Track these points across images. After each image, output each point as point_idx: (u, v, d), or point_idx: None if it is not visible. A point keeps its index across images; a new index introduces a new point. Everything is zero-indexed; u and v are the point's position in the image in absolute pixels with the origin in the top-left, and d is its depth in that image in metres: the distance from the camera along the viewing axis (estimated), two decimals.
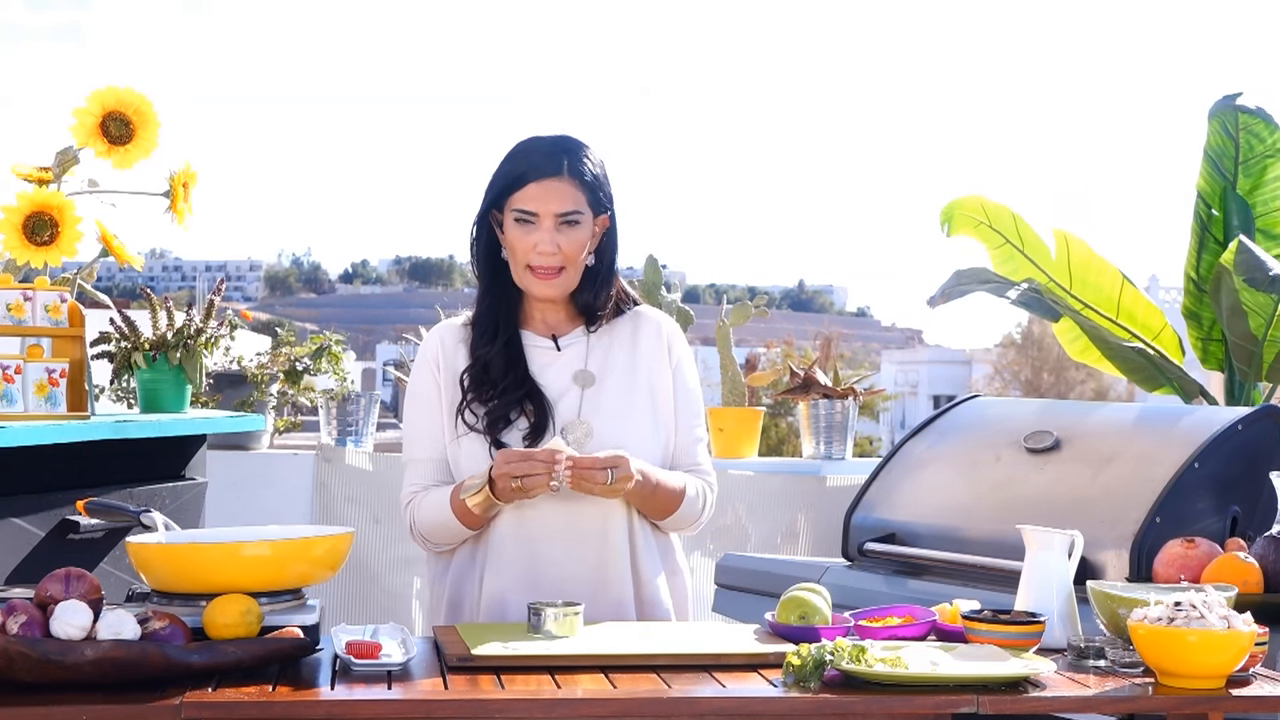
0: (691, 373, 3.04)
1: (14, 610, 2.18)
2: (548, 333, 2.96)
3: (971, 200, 5.43)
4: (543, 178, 2.84)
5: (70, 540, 3.25)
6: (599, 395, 2.91)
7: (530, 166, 2.85)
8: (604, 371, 2.93)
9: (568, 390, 2.90)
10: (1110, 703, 2.30)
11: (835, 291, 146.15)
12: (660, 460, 2.93)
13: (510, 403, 2.87)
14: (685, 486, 2.93)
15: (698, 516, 2.98)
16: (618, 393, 2.92)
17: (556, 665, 2.36)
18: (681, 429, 2.99)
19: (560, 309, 2.96)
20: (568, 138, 2.91)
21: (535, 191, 2.84)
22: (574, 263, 2.87)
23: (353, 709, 2.16)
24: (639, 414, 2.92)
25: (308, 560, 2.43)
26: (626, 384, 2.93)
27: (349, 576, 4.74)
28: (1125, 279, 5.40)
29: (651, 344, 2.99)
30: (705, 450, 3.05)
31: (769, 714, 2.25)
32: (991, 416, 3.91)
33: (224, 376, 4.95)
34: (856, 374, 5.27)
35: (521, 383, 2.88)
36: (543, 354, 2.94)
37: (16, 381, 3.22)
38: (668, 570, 2.97)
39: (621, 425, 2.88)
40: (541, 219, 2.83)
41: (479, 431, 2.86)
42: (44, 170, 3.73)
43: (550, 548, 2.83)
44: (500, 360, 2.90)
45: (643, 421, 2.92)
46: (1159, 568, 2.95)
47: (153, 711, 2.08)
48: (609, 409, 2.90)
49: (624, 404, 2.91)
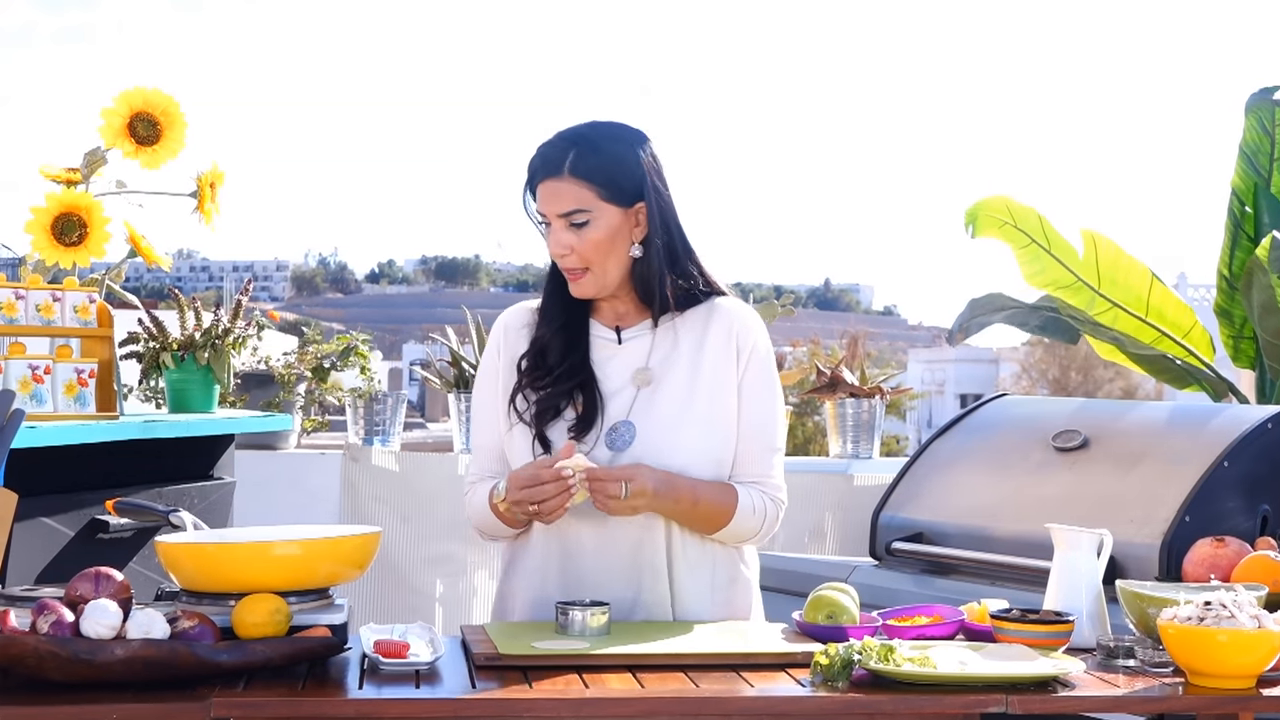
0: (766, 375, 2.83)
1: (44, 609, 2.19)
2: (614, 323, 2.84)
3: (996, 201, 5.40)
4: (546, 179, 2.73)
5: (100, 540, 3.26)
6: (654, 396, 2.77)
7: (536, 168, 2.76)
8: (664, 370, 2.79)
9: (623, 388, 2.79)
10: (1140, 703, 2.29)
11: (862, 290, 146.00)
12: (712, 471, 2.77)
13: (561, 392, 2.77)
14: (737, 499, 2.76)
15: (756, 530, 2.80)
16: (674, 395, 2.77)
17: (584, 665, 2.36)
18: (746, 436, 2.80)
19: (627, 300, 2.82)
20: (580, 129, 2.78)
21: (541, 193, 2.75)
22: (599, 261, 2.73)
23: (381, 708, 2.16)
24: (693, 419, 2.76)
25: (336, 559, 2.43)
26: (685, 386, 2.78)
27: (377, 576, 4.75)
28: (1154, 277, 5.37)
29: (720, 341, 2.81)
30: (779, 462, 2.85)
31: (797, 714, 2.25)
32: (1019, 415, 3.90)
33: (251, 376, 4.97)
34: (883, 373, 5.26)
35: (576, 371, 2.78)
36: (605, 346, 2.82)
37: (46, 382, 3.24)
38: (728, 578, 2.83)
39: (669, 432, 2.75)
40: (552, 221, 2.75)
41: (526, 423, 2.78)
42: (72, 171, 3.74)
43: (583, 559, 2.76)
44: (558, 345, 2.80)
45: (695, 428, 2.76)
46: (1188, 567, 2.93)
47: (182, 710, 2.08)
48: (661, 412, 2.76)
49: (678, 407, 2.76)
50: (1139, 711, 2.38)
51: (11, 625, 2.18)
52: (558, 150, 2.74)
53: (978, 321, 5.26)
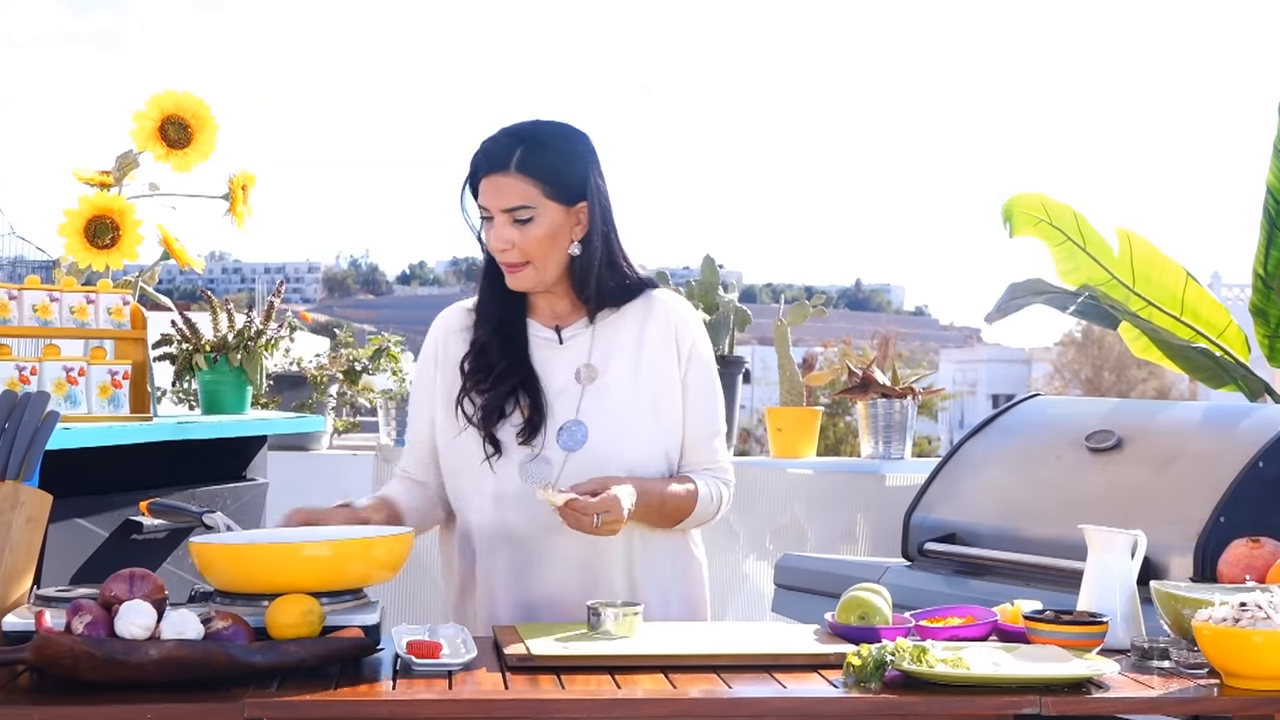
0: (707, 366, 2.91)
1: (79, 610, 2.20)
2: (552, 323, 2.87)
3: (1032, 198, 5.38)
4: (491, 173, 2.74)
5: (133, 541, 3.28)
6: (600, 393, 2.81)
7: (481, 161, 2.77)
8: (606, 366, 2.84)
9: (568, 387, 2.82)
10: (1175, 704, 2.28)
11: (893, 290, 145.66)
12: (662, 463, 2.84)
13: (505, 393, 2.79)
14: (696, 490, 2.85)
15: (713, 515, 2.90)
16: (619, 390, 2.82)
17: (616, 665, 2.35)
18: (693, 424, 2.88)
19: (564, 298, 2.86)
20: (526, 126, 2.79)
21: (484, 187, 2.76)
22: (540, 257, 2.76)
23: (414, 708, 2.16)
24: (640, 414, 2.82)
25: (368, 560, 2.44)
26: (629, 380, 2.83)
27: (409, 577, 4.76)
28: (1189, 276, 5.34)
29: (658, 334, 2.86)
30: (723, 444, 2.95)
31: (829, 714, 2.24)
32: (1052, 415, 3.88)
33: (284, 378, 4.98)
34: (915, 373, 5.24)
35: (516, 370, 2.81)
36: (546, 346, 2.85)
37: (80, 383, 3.25)
38: (684, 564, 2.91)
39: (620, 428, 2.80)
40: (495, 215, 2.76)
41: (475, 425, 2.81)
42: (104, 174, 3.76)
43: (540, 551, 2.81)
44: (496, 344, 2.83)
45: (644, 422, 2.83)
46: (1223, 568, 2.92)
47: (216, 711, 2.09)
48: (609, 408, 2.81)
49: (625, 402, 2.82)
50: (1174, 713, 2.36)
51: (47, 626, 2.19)
52: (504, 146, 2.76)
53: (1016, 303, 5.23)
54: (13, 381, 3.13)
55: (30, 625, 2.29)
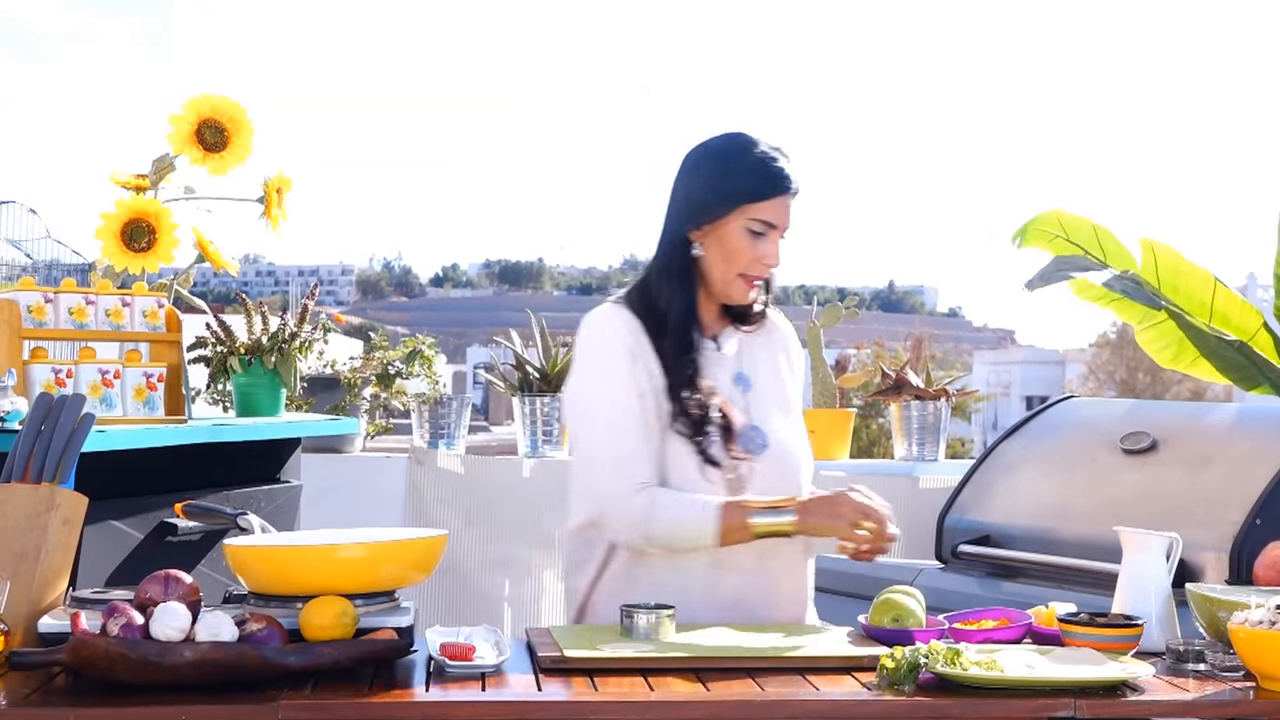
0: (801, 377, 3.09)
1: (114, 612, 2.21)
2: (707, 334, 2.93)
3: (1049, 216, 5.34)
4: (784, 193, 2.83)
5: (168, 543, 3.29)
6: (758, 400, 2.92)
7: (779, 180, 2.83)
8: (754, 373, 2.95)
9: (731, 393, 2.89)
10: (1211, 707, 2.27)
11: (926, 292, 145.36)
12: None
13: (710, 410, 2.83)
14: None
15: None
16: (771, 397, 2.94)
17: (650, 668, 2.36)
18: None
19: (713, 307, 2.94)
20: (777, 145, 2.88)
21: (781, 204, 2.84)
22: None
23: (448, 710, 2.17)
24: (792, 419, 2.96)
25: (401, 562, 2.44)
26: (777, 388, 2.96)
27: (442, 579, 4.77)
28: (1218, 282, 5.31)
29: (781, 348, 3.01)
30: None
31: (863, 717, 2.23)
32: (1086, 417, 3.87)
33: (318, 380, 5.00)
34: (948, 375, 5.23)
35: (714, 390, 2.87)
36: (706, 353, 2.91)
37: (116, 386, 3.27)
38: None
39: (785, 432, 2.90)
40: (776, 231, 2.84)
41: (686, 436, 2.81)
42: (140, 178, 3.78)
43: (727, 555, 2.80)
44: (698, 365, 2.87)
45: (795, 428, 2.96)
46: (1259, 570, 2.90)
47: (251, 713, 2.09)
48: (770, 414, 2.91)
49: (780, 409, 2.94)
50: (1210, 716, 2.35)
51: (82, 628, 2.20)
52: (789, 168, 2.86)
53: (1060, 274, 5.19)
54: (49, 384, 3.15)
55: (66, 627, 2.30)
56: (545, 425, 4.91)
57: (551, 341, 4.96)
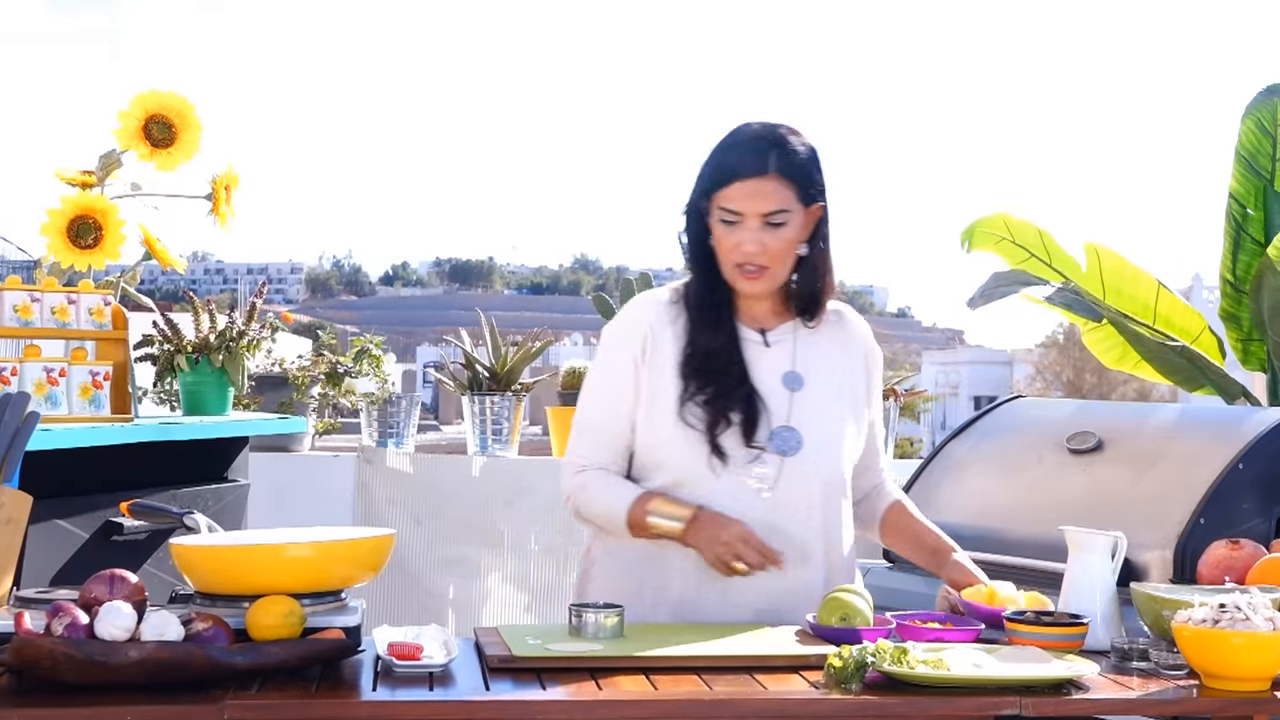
0: (880, 385, 3.03)
1: (59, 612, 2.20)
2: (756, 326, 2.87)
3: (995, 219, 5.38)
4: (749, 176, 2.73)
5: (114, 542, 3.27)
6: (807, 400, 2.84)
7: (737, 164, 2.75)
8: (809, 372, 2.86)
9: (775, 390, 2.82)
10: (1154, 705, 2.29)
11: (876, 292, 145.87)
12: (850, 471, 2.91)
13: (733, 401, 2.78)
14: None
15: None
16: (824, 399, 2.86)
17: (598, 667, 2.35)
18: (874, 436, 3.01)
19: (767, 301, 2.87)
20: (776, 128, 2.78)
21: (741, 191, 2.74)
22: (782, 261, 2.78)
23: (395, 710, 2.16)
24: (843, 423, 2.88)
25: (349, 562, 2.43)
26: (832, 388, 2.88)
27: (390, 578, 4.75)
28: (1161, 286, 5.35)
29: (854, 348, 2.94)
30: (885, 461, 3.11)
31: (810, 716, 2.24)
32: (1033, 417, 3.89)
33: (266, 379, 4.98)
34: (897, 375, 5.25)
35: (743, 380, 2.80)
36: (752, 348, 2.85)
37: (61, 384, 3.25)
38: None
39: (828, 436, 2.84)
40: (746, 219, 2.74)
41: (698, 431, 2.77)
42: (87, 174, 3.75)
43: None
44: (724, 354, 2.81)
45: (847, 432, 2.89)
46: (1203, 569, 2.92)
47: (196, 713, 2.08)
48: (817, 415, 2.84)
49: (831, 411, 2.87)
50: (1153, 714, 2.37)
51: (26, 627, 2.18)
52: (758, 149, 2.76)
53: (1000, 290, 5.23)
54: None
55: (9, 627, 2.28)
56: (495, 424, 4.90)
57: (501, 341, 4.95)
